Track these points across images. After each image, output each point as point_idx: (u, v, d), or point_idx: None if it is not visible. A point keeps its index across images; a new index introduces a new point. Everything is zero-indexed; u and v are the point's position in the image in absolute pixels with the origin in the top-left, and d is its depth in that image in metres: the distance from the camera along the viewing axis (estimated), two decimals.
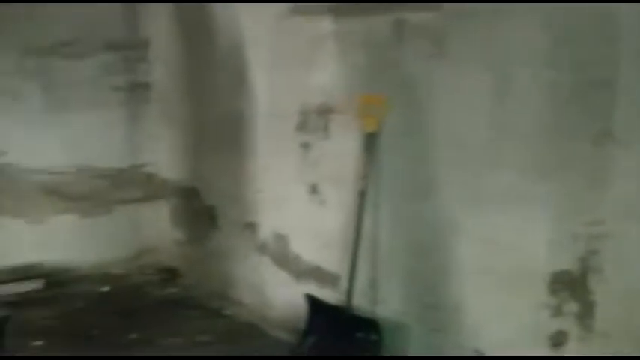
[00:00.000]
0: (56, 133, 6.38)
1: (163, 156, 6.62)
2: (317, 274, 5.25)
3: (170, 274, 6.52)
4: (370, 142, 4.72)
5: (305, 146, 5.23)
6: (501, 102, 4.04)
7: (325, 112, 5.09)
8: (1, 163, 6.25)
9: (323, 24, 5.07)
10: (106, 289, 6.32)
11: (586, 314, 3.85)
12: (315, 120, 5.16)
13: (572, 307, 3.88)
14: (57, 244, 6.44)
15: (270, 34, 5.44)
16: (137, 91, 6.66)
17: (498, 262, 4.09)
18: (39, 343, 5.22)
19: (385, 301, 4.80)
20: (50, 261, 6.41)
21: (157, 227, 6.67)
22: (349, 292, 4.82)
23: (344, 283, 4.91)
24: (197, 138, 6.23)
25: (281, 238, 5.49)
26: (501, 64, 4.02)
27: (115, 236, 6.67)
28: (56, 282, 6.35)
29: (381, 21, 4.70)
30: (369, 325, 4.69)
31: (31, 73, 6.33)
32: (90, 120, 6.47)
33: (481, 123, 4.14)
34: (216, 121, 5.98)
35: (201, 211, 6.22)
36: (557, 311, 3.91)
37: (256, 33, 5.55)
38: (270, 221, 5.57)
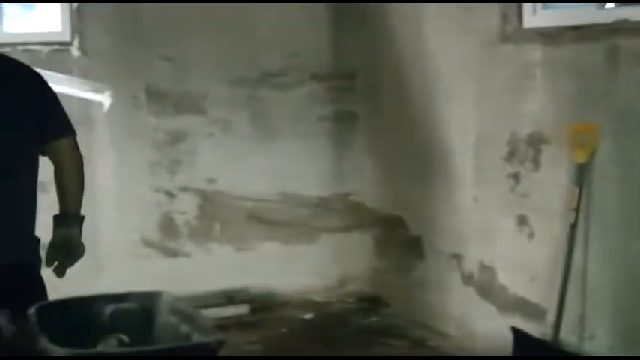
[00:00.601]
0: (263, 162, 6.50)
1: (368, 185, 6.63)
2: (523, 307, 5.14)
3: (373, 303, 6.51)
4: (581, 174, 4.60)
5: (514, 177, 5.14)
6: None
7: (535, 142, 4.98)
8: (211, 191, 6.43)
9: (531, 52, 4.99)
10: (309, 315, 6.36)
11: None
12: (524, 150, 5.06)
13: None
14: (261, 270, 6.53)
15: (477, 63, 5.39)
16: (343, 121, 6.71)
17: None
18: None
19: (593, 337, 4.65)
20: (255, 287, 6.52)
21: (360, 256, 6.67)
22: (556, 327, 4.69)
23: (551, 318, 4.79)
24: (403, 167, 6.21)
25: (487, 270, 5.40)
26: None
27: (318, 264, 6.71)
28: (260, 307, 6.44)
29: (593, 48, 4.58)
30: None
31: (240, 103, 6.48)
32: (296, 149, 6.57)
33: None
34: (423, 151, 5.95)
35: (405, 241, 6.19)
36: None
37: (463, 61, 5.51)
38: (476, 252, 5.49)
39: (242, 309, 6.35)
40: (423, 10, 5.83)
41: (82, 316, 3.41)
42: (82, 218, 3.50)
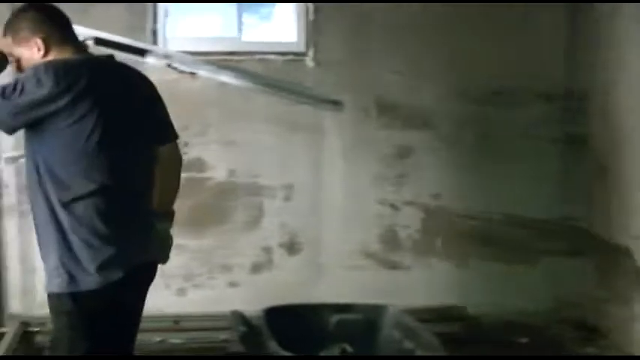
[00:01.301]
0: (487, 180, 6.49)
1: (595, 211, 6.46)
2: None
3: (590, 332, 6.35)
4: None
5: None
6: None
7: None
8: (435, 206, 6.46)
9: None
10: (523, 340, 6.28)
11: None
12: None
13: None
14: (479, 289, 6.52)
15: None
16: (572, 143, 6.58)
17: None
18: None
19: None
20: (471, 305, 6.50)
21: (580, 282, 6.52)
22: None
23: None
24: (633, 194, 6.02)
25: None
26: None
27: (536, 287, 6.62)
28: (475, 326, 6.41)
29: None
30: None
31: (468, 120, 6.48)
32: (522, 169, 6.51)
33: None
34: None
35: (629, 271, 6.01)
36: None
37: None
38: None
39: (457, 327, 6.35)
40: None
41: (308, 323, 3.51)
42: (173, 213, 3.79)
